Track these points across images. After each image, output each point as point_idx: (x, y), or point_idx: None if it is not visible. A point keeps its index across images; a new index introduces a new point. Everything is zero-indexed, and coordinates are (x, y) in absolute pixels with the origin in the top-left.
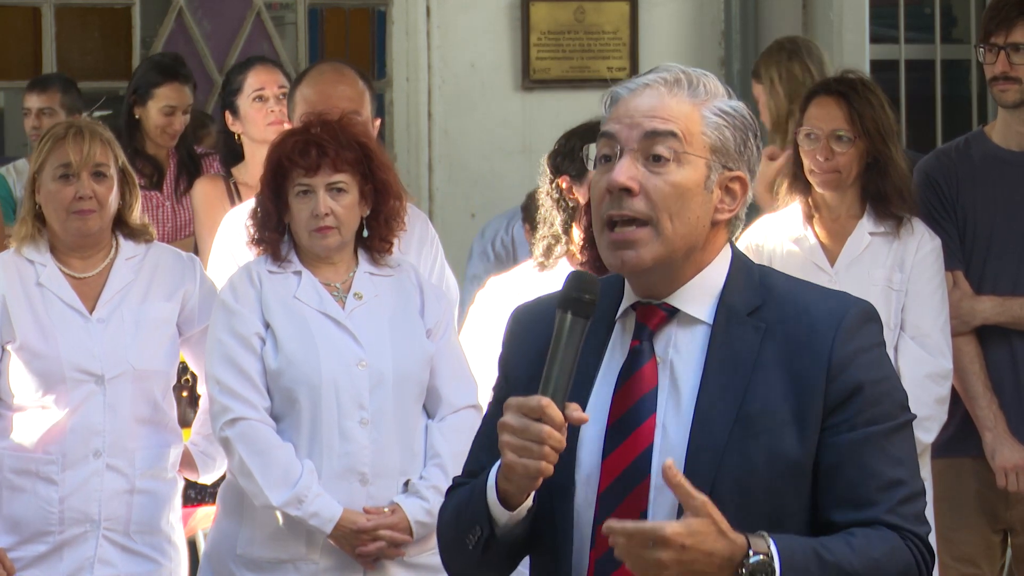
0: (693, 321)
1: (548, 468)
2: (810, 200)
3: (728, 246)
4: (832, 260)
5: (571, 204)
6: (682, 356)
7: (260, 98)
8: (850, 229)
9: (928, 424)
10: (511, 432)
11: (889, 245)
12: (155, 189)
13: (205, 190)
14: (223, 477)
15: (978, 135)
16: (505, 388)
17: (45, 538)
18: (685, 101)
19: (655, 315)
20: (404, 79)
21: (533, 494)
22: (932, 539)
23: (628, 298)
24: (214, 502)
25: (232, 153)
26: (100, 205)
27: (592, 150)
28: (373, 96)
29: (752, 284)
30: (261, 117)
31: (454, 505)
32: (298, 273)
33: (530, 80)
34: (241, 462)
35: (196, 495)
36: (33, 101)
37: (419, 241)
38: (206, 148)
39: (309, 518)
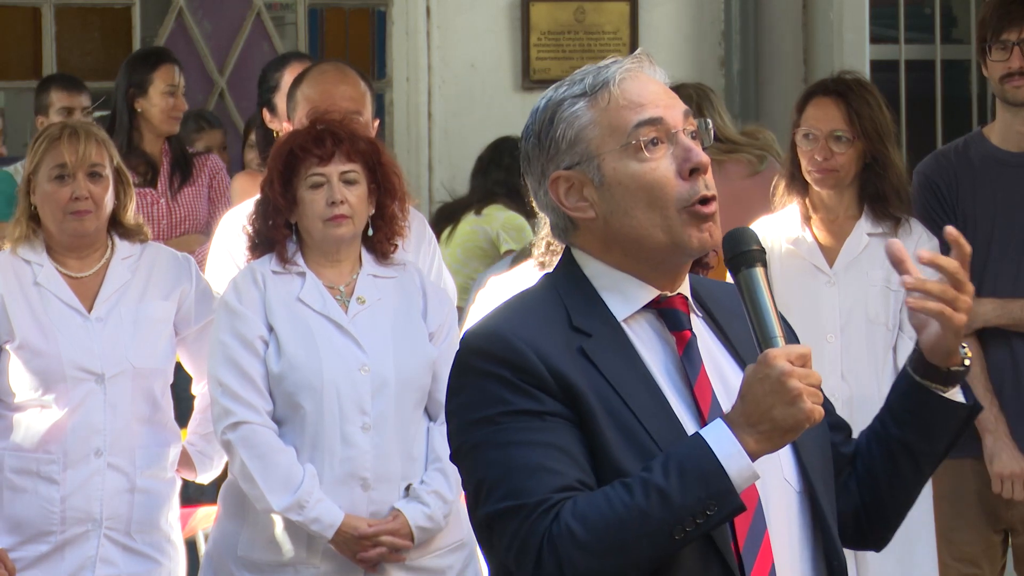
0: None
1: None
2: (808, 201)
3: None
4: (831, 261)
5: None
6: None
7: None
8: (848, 230)
9: None
10: (803, 379)
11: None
12: (150, 186)
13: (244, 185)
14: (222, 477)
15: (977, 136)
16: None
17: (47, 538)
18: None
19: (683, 303)
20: (404, 79)
21: None
22: (930, 538)
23: (639, 297)
24: (213, 502)
25: (268, 149)
26: (96, 205)
27: None
28: (373, 97)
29: None
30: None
31: (628, 503)
32: (302, 275)
33: (530, 80)
34: (243, 466)
35: (199, 495)
36: (61, 99)
37: (416, 241)
38: (198, 149)
39: (310, 523)
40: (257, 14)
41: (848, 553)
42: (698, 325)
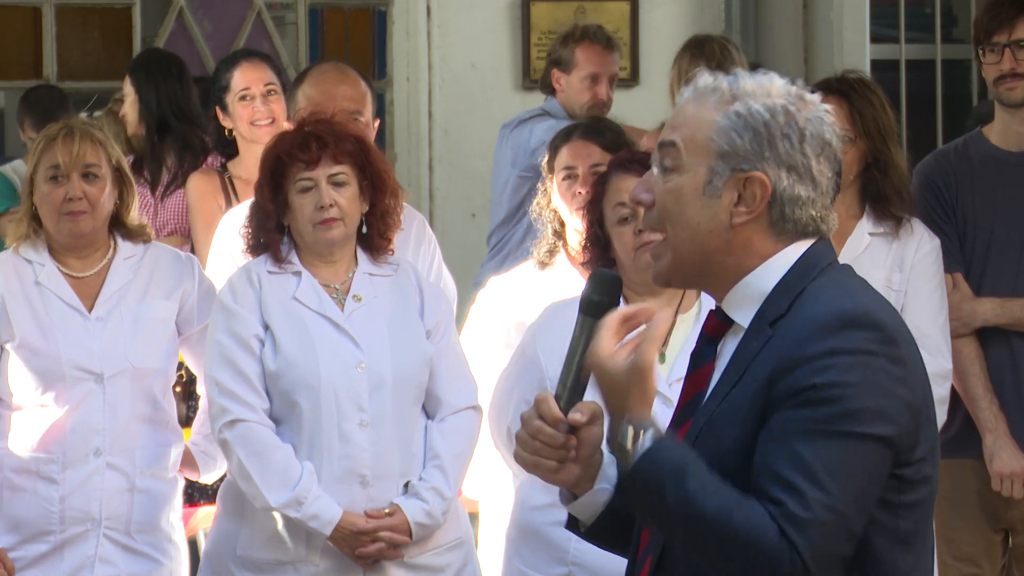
0: (739, 328)
1: (538, 462)
2: None
3: (791, 253)
4: None
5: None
6: (723, 361)
7: (245, 97)
8: (850, 229)
9: None
10: (526, 428)
11: (888, 245)
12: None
13: (199, 185)
14: (223, 477)
15: (976, 136)
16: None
17: (46, 537)
18: (706, 107)
19: (711, 320)
20: (404, 79)
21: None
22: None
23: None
24: (214, 502)
25: (225, 148)
26: (91, 206)
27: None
28: (374, 97)
29: (791, 291)
30: (247, 115)
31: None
32: (297, 274)
33: (530, 80)
34: (240, 464)
35: (197, 495)
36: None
37: (416, 241)
38: None
39: (308, 520)
40: (257, 14)
41: None
42: (733, 345)
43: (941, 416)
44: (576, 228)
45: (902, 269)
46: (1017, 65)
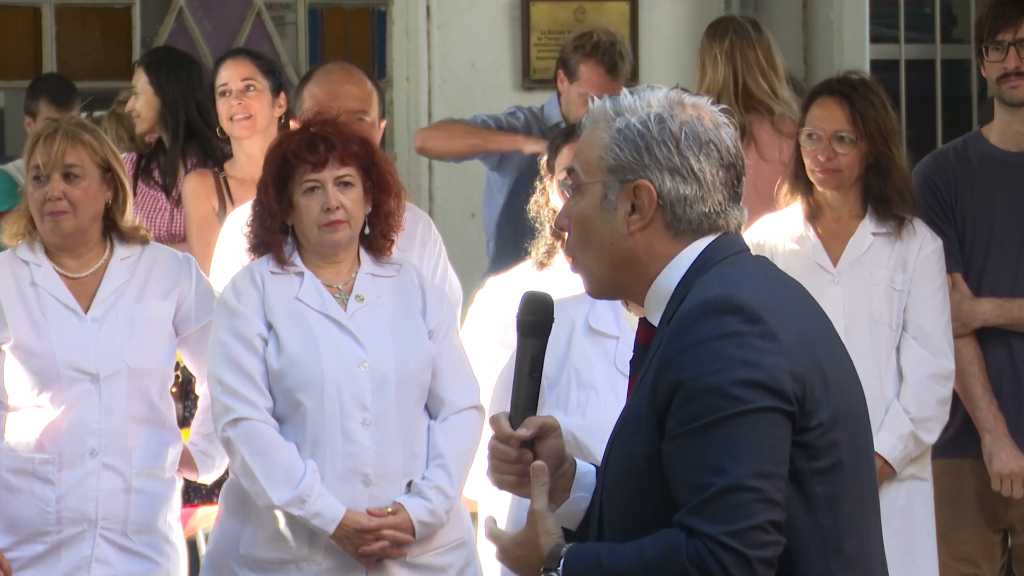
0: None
1: (500, 478)
2: (811, 200)
3: (691, 251)
4: (834, 260)
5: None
6: None
7: (224, 93)
8: (852, 229)
9: (930, 424)
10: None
11: (891, 245)
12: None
13: (193, 185)
14: (223, 477)
15: (976, 136)
16: None
17: (42, 538)
18: (597, 128)
19: (641, 328)
20: (404, 79)
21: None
22: (931, 539)
23: None
24: (213, 502)
25: (211, 143)
26: (72, 206)
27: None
28: (380, 98)
29: (686, 288)
30: (225, 111)
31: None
32: (300, 274)
33: (530, 80)
34: (243, 462)
35: (195, 495)
36: (49, 111)
37: (421, 242)
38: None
39: (312, 518)
40: (257, 14)
41: None
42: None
43: (943, 416)
44: None
45: (905, 269)
46: (1021, 64)
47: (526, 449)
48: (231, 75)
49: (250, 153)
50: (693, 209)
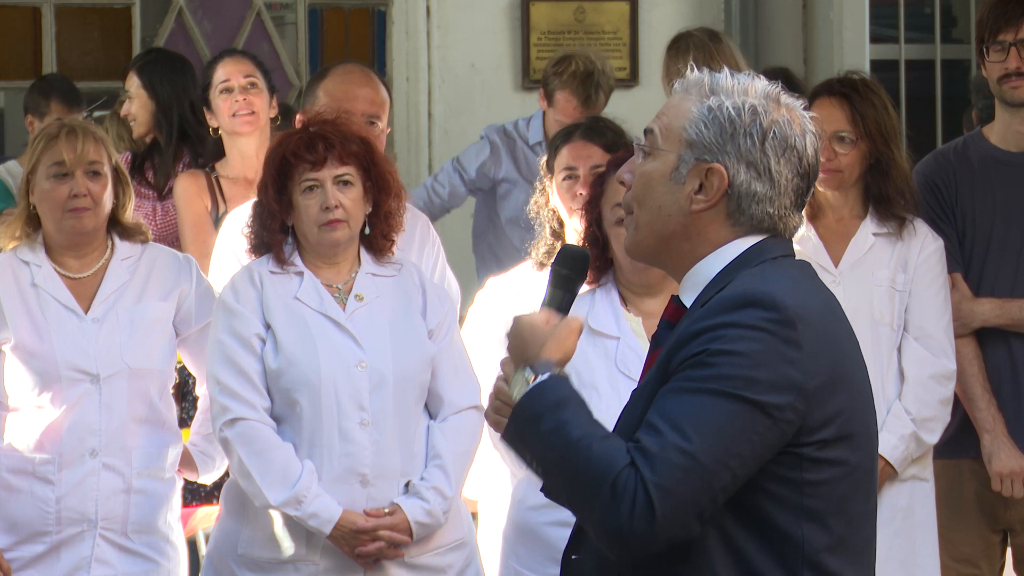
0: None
1: (500, 420)
2: (812, 200)
3: (740, 244)
4: (836, 260)
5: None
6: None
7: (226, 90)
8: (853, 230)
9: (931, 425)
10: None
11: (892, 246)
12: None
13: (185, 185)
14: (223, 478)
15: (976, 136)
16: None
17: (42, 538)
18: (688, 98)
19: (670, 305)
20: (404, 79)
21: None
22: (932, 539)
23: None
24: (212, 502)
25: (204, 144)
26: (95, 203)
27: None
28: (391, 106)
29: (727, 278)
30: (227, 108)
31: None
32: (300, 274)
33: (530, 80)
34: (240, 462)
35: (193, 497)
36: (60, 112)
37: (420, 242)
38: None
39: (308, 518)
40: (257, 14)
41: None
42: None
43: (944, 416)
44: (576, 228)
45: (906, 270)
46: (1022, 64)
47: None
48: (233, 72)
49: (245, 152)
50: (759, 207)
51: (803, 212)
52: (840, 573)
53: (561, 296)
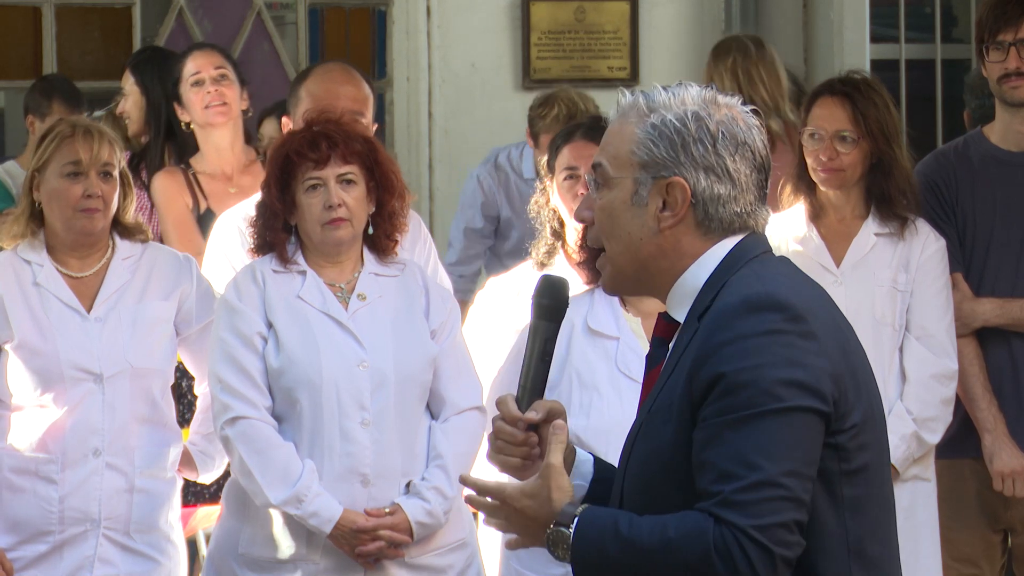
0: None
1: (504, 460)
2: (814, 200)
3: (720, 249)
4: (837, 260)
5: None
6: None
7: (197, 82)
8: (855, 230)
9: (933, 425)
10: (496, 432)
11: (894, 246)
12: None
13: (163, 183)
14: (223, 477)
15: (976, 136)
16: None
17: (45, 538)
18: (627, 123)
19: (659, 323)
20: (404, 79)
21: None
22: (934, 539)
23: None
24: (212, 502)
25: (187, 143)
26: (105, 204)
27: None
28: (375, 102)
29: (717, 284)
30: (199, 100)
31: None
32: (303, 273)
33: (530, 80)
34: (241, 461)
35: (194, 497)
36: (62, 112)
37: (412, 241)
38: None
39: (308, 517)
40: (257, 14)
41: None
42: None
43: (946, 416)
44: (576, 228)
45: (908, 269)
46: (1022, 64)
47: (532, 432)
48: (203, 64)
49: (220, 146)
50: (726, 209)
51: (766, 204)
52: (879, 557)
53: (546, 327)
